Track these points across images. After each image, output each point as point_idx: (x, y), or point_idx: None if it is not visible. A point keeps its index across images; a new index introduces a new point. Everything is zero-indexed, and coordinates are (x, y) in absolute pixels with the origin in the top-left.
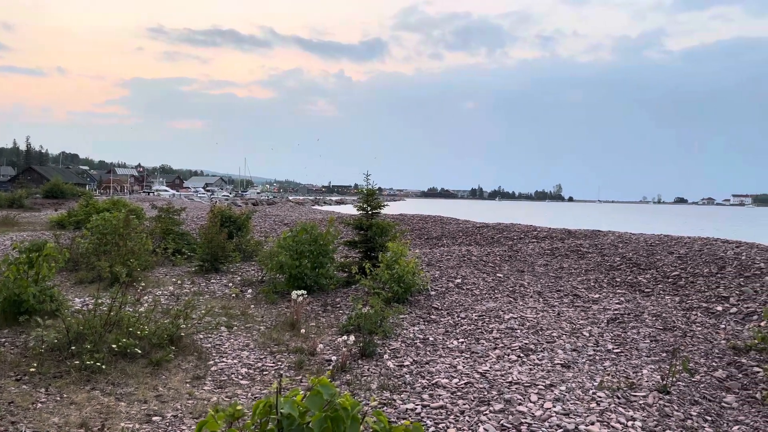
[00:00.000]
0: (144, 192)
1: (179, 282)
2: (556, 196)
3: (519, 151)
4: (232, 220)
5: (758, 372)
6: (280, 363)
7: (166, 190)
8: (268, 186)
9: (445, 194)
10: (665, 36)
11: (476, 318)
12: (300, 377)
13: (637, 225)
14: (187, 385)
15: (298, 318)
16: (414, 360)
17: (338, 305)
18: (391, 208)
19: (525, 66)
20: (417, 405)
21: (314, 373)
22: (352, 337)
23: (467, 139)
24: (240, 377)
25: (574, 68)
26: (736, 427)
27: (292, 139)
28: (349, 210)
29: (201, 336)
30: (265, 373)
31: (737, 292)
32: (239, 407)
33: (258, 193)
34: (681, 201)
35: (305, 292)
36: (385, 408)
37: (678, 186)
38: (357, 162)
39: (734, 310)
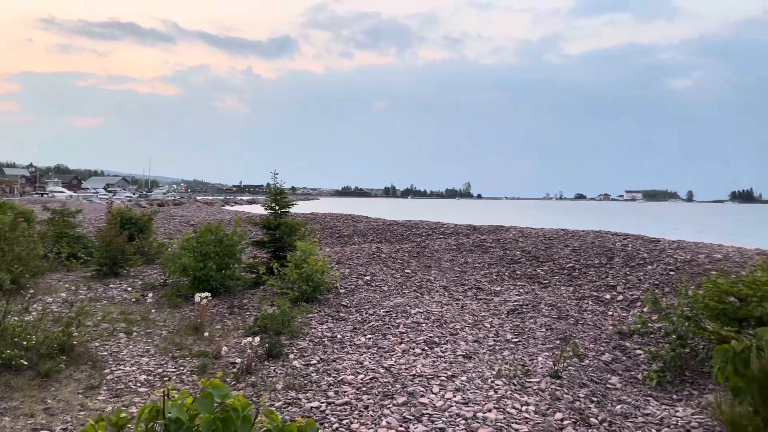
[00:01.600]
0: (37, 193)
1: (74, 288)
2: (466, 194)
3: (431, 150)
4: (132, 221)
5: (640, 354)
6: (182, 368)
7: (61, 192)
8: (174, 186)
9: (359, 193)
10: (563, 40)
11: (384, 314)
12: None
13: (538, 220)
14: (80, 395)
15: (202, 321)
16: (321, 358)
17: (245, 307)
18: (304, 207)
19: (433, 66)
20: (322, 403)
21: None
22: (257, 338)
23: (380, 138)
24: (138, 384)
25: (480, 69)
26: (619, 405)
27: (200, 138)
28: (260, 210)
29: (97, 344)
30: (166, 379)
31: (624, 281)
32: (123, 414)
33: (164, 193)
34: (581, 197)
35: (210, 294)
36: (290, 407)
37: (578, 183)
38: (270, 161)
39: (621, 297)
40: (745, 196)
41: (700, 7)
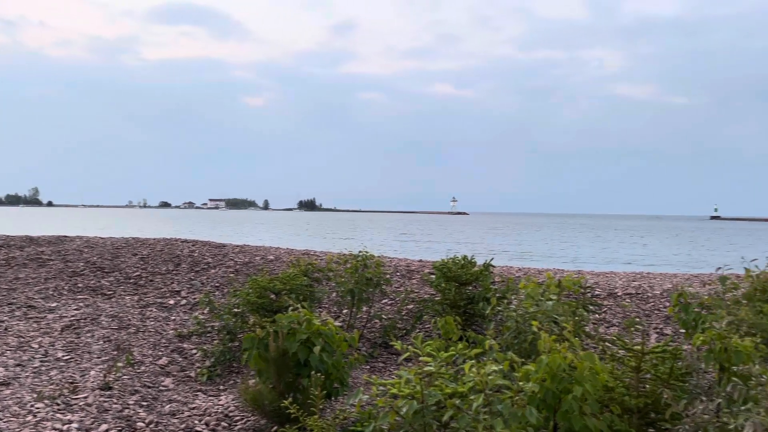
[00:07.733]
0: None
1: None
2: (33, 201)
3: None
4: None
5: (195, 353)
6: None
7: None
8: None
9: None
10: (140, 44)
11: None
12: None
13: (112, 229)
14: None
15: None
16: None
17: None
18: None
19: None
20: None
21: None
22: None
23: None
24: None
25: (45, 61)
26: (169, 405)
27: None
28: None
29: None
30: None
31: (188, 286)
32: None
33: None
34: (165, 205)
35: None
36: None
37: (162, 190)
38: None
39: (184, 302)
40: (309, 205)
41: (269, 34)
